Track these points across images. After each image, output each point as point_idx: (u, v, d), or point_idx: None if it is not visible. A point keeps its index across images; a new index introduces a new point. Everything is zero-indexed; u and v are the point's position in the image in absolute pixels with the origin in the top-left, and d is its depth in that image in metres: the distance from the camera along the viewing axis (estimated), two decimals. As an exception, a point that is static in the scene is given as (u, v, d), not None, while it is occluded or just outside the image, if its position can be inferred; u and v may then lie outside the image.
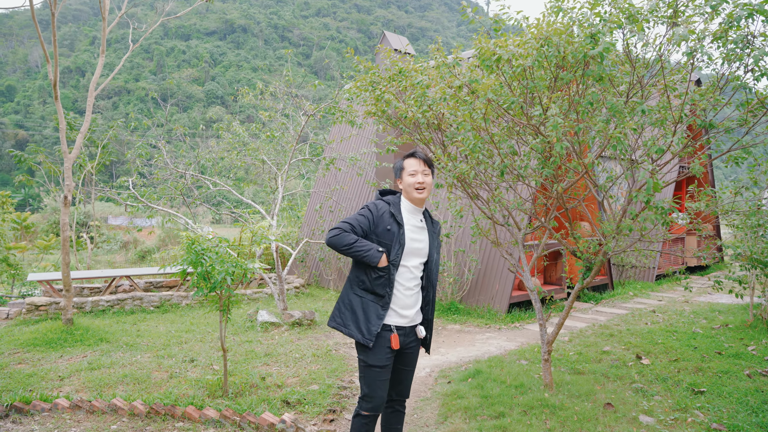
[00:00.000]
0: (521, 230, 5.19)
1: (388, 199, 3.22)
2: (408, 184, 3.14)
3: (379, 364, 3.04)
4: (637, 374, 5.70)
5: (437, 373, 5.88)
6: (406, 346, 3.16)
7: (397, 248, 3.04)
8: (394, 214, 3.09)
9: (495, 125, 3.95)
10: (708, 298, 10.90)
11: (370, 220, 3.08)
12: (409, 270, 3.12)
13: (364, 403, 3.11)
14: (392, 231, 3.05)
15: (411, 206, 3.19)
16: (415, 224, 3.18)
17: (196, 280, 4.53)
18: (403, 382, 3.27)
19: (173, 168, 9.12)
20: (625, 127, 3.10)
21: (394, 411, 3.36)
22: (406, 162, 3.18)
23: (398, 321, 3.09)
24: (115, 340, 7.01)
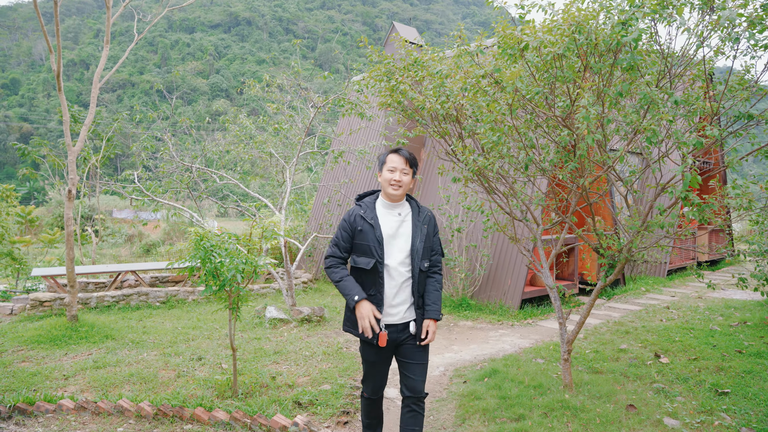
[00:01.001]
0: (540, 226, 5.01)
1: (362, 202, 3.32)
2: (384, 179, 3.20)
3: (369, 359, 3.27)
4: (657, 373, 5.53)
5: (452, 372, 5.72)
6: (402, 342, 3.22)
7: (375, 245, 3.13)
8: (363, 216, 3.19)
9: (515, 117, 3.76)
10: (722, 294, 10.70)
11: (348, 230, 3.21)
12: (395, 267, 3.17)
13: (364, 385, 3.41)
14: (364, 231, 3.16)
15: (387, 202, 3.27)
16: (392, 219, 3.23)
17: (205, 277, 4.38)
18: (411, 376, 3.21)
19: (179, 161, 8.96)
20: (660, 118, 2.92)
21: (410, 411, 3.23)
22: (389, 157, 3.22)
23: (387, 319, 3.17)
24: (120, 337, 6.88)
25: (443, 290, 9.37)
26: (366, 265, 3.14)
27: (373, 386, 3.38)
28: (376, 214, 3.20)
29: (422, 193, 11.00)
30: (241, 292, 4.58)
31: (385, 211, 3.25)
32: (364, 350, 3.29)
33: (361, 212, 3.22)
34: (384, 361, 3.27)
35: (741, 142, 3.84)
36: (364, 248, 3.15)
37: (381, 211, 3.25)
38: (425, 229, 3.26)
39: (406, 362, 3.24)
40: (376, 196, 3.35)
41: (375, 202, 3.29)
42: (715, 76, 4.05)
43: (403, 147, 3.29)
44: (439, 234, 3.48)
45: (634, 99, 3.56)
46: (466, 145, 3.89)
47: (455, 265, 9.01)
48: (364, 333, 3.08)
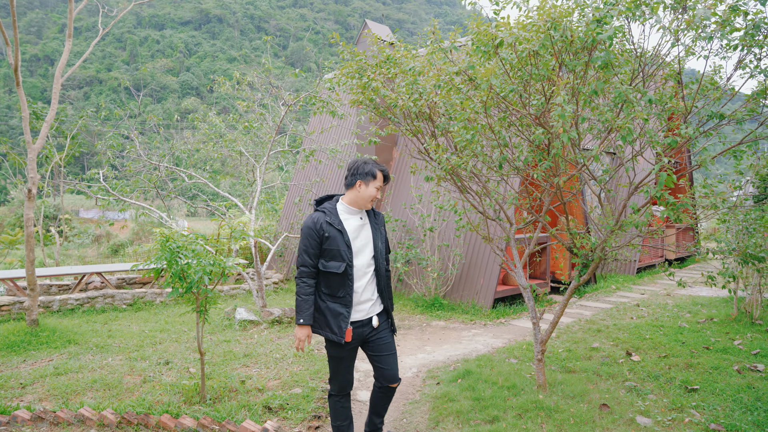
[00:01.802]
0: (513, 225, 4.99)
1: (323, 208, 3.42)
2: (369, 195, 3.35)
3: (337, 356, 3.39)
4: (629, 372, 5.56)
5: (425, 374, 5.66)
6: (368, 337, 3.43)
7: (344, 249, 3.29)
8: (330, 222, 3.31)
9: (489, 116, 3.71)
10: (689, 291, 10.91)
11: (315, 238, 3.30)
12: (360, 268, 3.37)
13: (332, 385, 3.50)
14: (332, 237, 3.28)
15: (350, 208, 3.41)
16: (355, 224, 3.39)
17: (171, 279, 4.23)
18: (385, 367, 3.46)
19: (146, 160, 8.72)
20: (635, 117, 2.90)
21: (382, 388, 3.56)
22: (378, 175, 3.38)
23: (354, 316, 3.37)
24: (84, 342, 6.65)
25: (416, 290, 9.32)
26: (337, 269, 3.28)
27: (341, 383, 3.47)
28: (340, 219, 3.35)
29: (394, 192, 10.95)
30: (209, 294, 4.44)
31: (348, 216, 3.41)
32: (330, 348, 3.41)
33: (327, 219, 3.33)
34: (350, 357, 3.42)
35: (711, 141, 3.87)
36: (334, 253, 3.28)
37: (344, 216, 3.40)
38: (382, 230, 3.54)
39: (377, 355, 3.46)
40: (335, 200, 3.48)
41: (336, 207, 3.42)
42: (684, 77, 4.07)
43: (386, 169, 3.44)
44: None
45: (607, 98, 3.54)
46: (439, 144, 3.83)
47: (427, 265, 8.97)
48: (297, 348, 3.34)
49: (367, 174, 3.35)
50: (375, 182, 3.35)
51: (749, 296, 7.81)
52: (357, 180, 3.37)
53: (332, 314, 3.31)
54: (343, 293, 3.30)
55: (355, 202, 3.40)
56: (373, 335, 3.43)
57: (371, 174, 3.35)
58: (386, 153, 10.98)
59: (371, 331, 3.42)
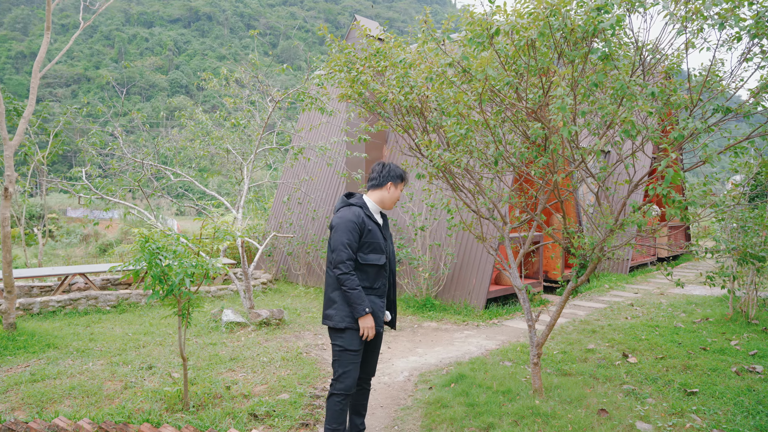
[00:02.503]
0: (507, 224, 4.83)
1: (359, 203, 3.50)
2: (395, 198, 3.54)
3: (354, 348, 3.38)
4: (626, 374, 5.43)
5: (417, 378, 5.49)
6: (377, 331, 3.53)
7: (382, 242, 3.43)
8: (370, 216, 3.43)
9: (483, 110, 3.55)
10: (682, 290, 10.82)
11: (358, 231, 3.36)
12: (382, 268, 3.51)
13: (338, 384, 3.42)
14: (373, 230, 3.39)
15: (376, 207, 3.54)
16: (379, 222, 3.54)
17: (151, 282, 4.03)
18: (371, 363, 3.67)
19: (131, 158, 8.48)
20: (639, 110, 2.74)
21: (361, 389, 3.72)
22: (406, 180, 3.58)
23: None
24: (64, 346, 6.42)
25: (407, 290, 9.16)
26: (378, 261, 3.40)
27: (352, 379, 3.43)
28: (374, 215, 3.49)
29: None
30: (191, 297, 4.24)
31: (375, 216, 3.53)
32: (351, 340, 3.38)
33: (366, 213, 3.44)
34: (361, 351, 3.48)
35: (712, 138, 3.72)
36: (374, 246, 3.39)
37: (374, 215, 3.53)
38: (389, 232, 3.68)
39: (372, 351, 3.64)
40: (359, 196, 3.56)
41: (368, 204, 3.53)
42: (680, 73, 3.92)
43: None
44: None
45: (606, 91, 3.38)
46: (431, 140, 3.66)
47: (419, 265, 8.81)
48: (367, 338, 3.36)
49: (398, 177, 3.49)
50: (402, 185, 3.54)
51: (744, 295, 7.72)
52: (388, 181, 3.49)
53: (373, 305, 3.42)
54: (380, 284, 3.42)
55: (382, 202, 3.51)
56: (380, 331, 3.54)
57: (402, 177, 3.50)
58: (376, 151, 10.80)
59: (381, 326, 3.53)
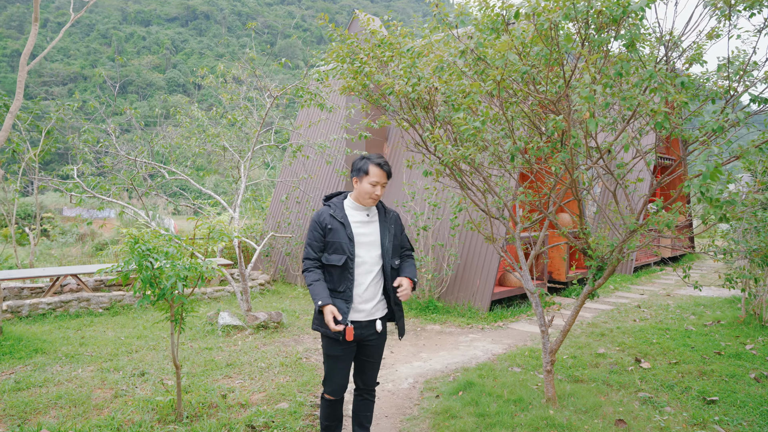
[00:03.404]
0: (519, 224, 4.59)
1: (330, 202, 3.40)
2: (365, 191, 3.27)
3: (333, 354, 3.28)
4: (641, 380, 5.19)
5: (422, 385, 5.24)
6: (366, 339, 3.32)
7: (346, 242, 3.22)
8: (333, 215, 3.27)
9: (501, 100, 3.30)
10: (688, 291, 10.61)
11: (319, 230, 3.28)
12: (363, 264, 3.28)
13: (326, 387, 3.38)
14: (334, 229, 3.24)
15: (356, 204, 3.35)
16: (361, 220, 3.33)
17: (141, 285, 3.77)
18: (367, 372, 3.46)
19: (124, 155, 8.21)
20: (674, 100, 2.50)
21: (363, 399, 3.54)
22: (372, 169, 3.25)
23: (354, 315, 3.25)
24: (53, 351, 6.15)
25: (410, 292, 8.90)
26: (337, 261, 3.22)
27: (336, 385, 3.36)
28: (345, 213, 3.30)
29: (385, 189, 10.50)
30: (184, 301, 3.98)
31: (354, 212, 3.35)
32: (328, 346, 3.30)
33: (331, 211, 3.30)
34: (347, 357, 3.32)
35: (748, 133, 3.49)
36: (336, 246, 3.23)
37: (350, 212, 3.35)
38: (392, 228, 3.42)
39: (365, 360, 3.42)
40: (343, 196, 3.43)
41: (343, 202, 3.38)
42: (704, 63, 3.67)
43: (386, 160, 3.32)
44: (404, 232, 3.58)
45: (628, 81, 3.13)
46: (441, 134, 3.41)
47: (421, 266, 8.56)
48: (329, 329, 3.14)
49: (358, 170, 3.29)
50: (369, 178, 3.25)
51: (758, 297, 7.49)
52: (353, 176, 3.34)
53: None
54: (343, 287, 3.23)
55: (358, 199, 3.34)
56: (372, 339, 3.35)
57: (363, 170, 3.27)
58: (377, 148, 10.54)
59: (371, 334, 3.33)
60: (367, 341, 3.34)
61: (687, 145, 3.11)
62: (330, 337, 3.24)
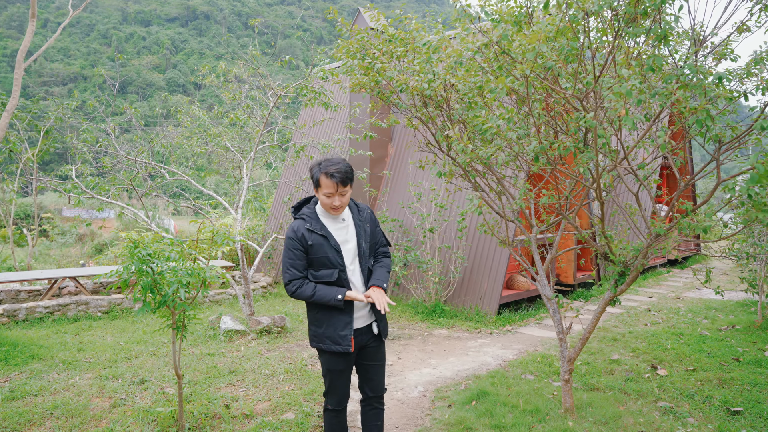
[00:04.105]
0: (534, 227, 4.40)
1: (302, 214, 3.13)
2: (324, 204, 3.05)
3: (337, 368, 3.11)
4: (659, 389, 5.01)
5: (432, 393, 5.05)
6: (366, 344, 3.18)
7: (333, 255, 3.01)
8: (311, 228, 3.03)
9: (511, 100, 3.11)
10: (697, 294, 10.42)
11: (299, 248, 3.02)
12: (354, 272, 3.11)
13: (329, 399, 3.21)
14: (316, 244, 3.00)
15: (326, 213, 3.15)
16: (338, 226, 3.13)
17: (141, 292, 3.59)
18: (373, 378, 3.27)
19: (123, 155, 8.02)
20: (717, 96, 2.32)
21: (372, 409, 3.34)
22: (323, 180, 2.96)
23: (354, 324, 3.09)
24: (50, 357, 5.96)
25: (415, 295, 8.72)
26: (329, 276, 3.01)
27: (340, 397, 3.22)
28: (323, 224, 3.07)
29: (390, 189, 10.32)
30: (186, 308, 3.80)
31: (328, 220, 3.12)
32: (331, 361, 3.12)
33: (308, 225, 3.04)
34: (350, 368, 3.19)
35: None
36: (323, 261, 3.02)
37: (325, 221, 3.11)
38: (368, 228, 3.20)
39: (368, 364, 3.24)
40: (314, 203, 3.22)
41: (315, 211, 3.14)
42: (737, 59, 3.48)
43: (337, 168, 2.92)
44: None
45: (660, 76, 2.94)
46: (459, 132, 3.22)
47: (428, 269, 8.37)
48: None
49: (314, 181, 3.01)
50: (321, 189, 2.97)
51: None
52: (314, 188, 3.07)
53: (333, 323, 3.04)
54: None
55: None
56: (372, 343, 3.20)
57: (315, 182, 3.01)
58: (381, 149, 10.36)
59: (370, 338, 3.18)
60: (368, 346, 3.20)
61: (720, 146, 2.92)
62: (331, 352, 3.08)
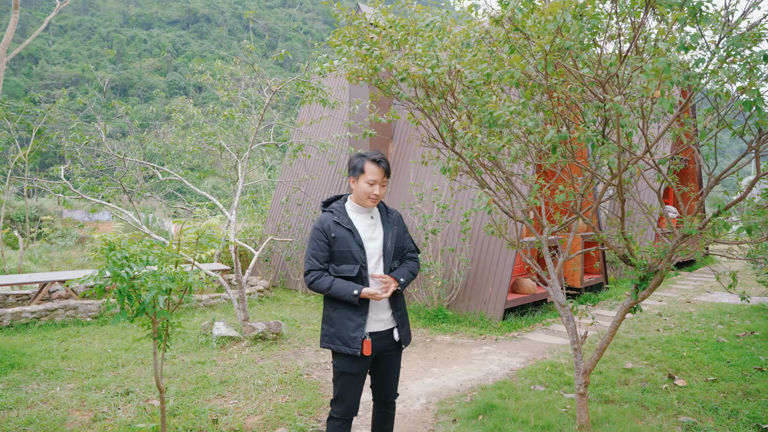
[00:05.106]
0: (546, 228, 4.08)
1: (331, 208, 3.14)
2: (363, 191, 3.04)
3: (350, 372, 2.98)
4: (678, 401, 4.67)
5: (436, 406, 4.72)
6: (385, 350, 3.08)
7: (356, 250, 2.98)
8: (338, 221, 3.02)
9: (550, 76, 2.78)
10: (709, 298, 10.08)
11: (324, 239, 3.01)
12: (376, 270, 3.05)
13: (336, 407, 3.07)
14: (341, 237, 2.99)
15: (357, 206, 3.12)
16: (366, 223, 3.11)
17: (116, 299, 3.27)
18: (387, 384, 3.20)
19: (113, 154, 7.71)
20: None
21: (381, 413, 3.27)
22: (368, 167, 3.01)
23: (372, 326, 3.01)
24: (31, 366, 5.64)
25: (417, 300, 8.40)
26: (350, 272, 2.97)
27: (349, 405, 3.05)
28: (350, 219, 3.05)
29: (391, 190, 9.99)
30: (167, 317, 3.47)
31: (357, 216, 3.11)
32: (344, 364, 3.00)
33: (335, 218, 3.03)
34: (363, 373, 3.06)
35: None
36: (345, 255, 2.98)
37: (353, 216, 3.11)
38: (395, 229, 3.17)
39: (385, 371, 3.16)
40: (343, 200, 3.19)
41: (345, 206, 3.13)
42: None
43: (382, 156, 3.04)
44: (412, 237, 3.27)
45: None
46: (466, 121, 2.90)
47: (430, 272, 8.04)
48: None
49: (355, 168, 3.05)
50: (365, 176, 3.00)
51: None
52: (350, 176, 3.11)
53: (345, 324, 2.96)
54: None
55: (357, 200, 3.09)
56: (391, 349, 3.10)
57: (358, 168, 3.02)
58: (381, 148, 10.03)
59: (390, 344, 3.08)
60: (387, 352, 3.10)
61: (761, 135, 2.60)
62: (346, 354, 2.95)
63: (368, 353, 2.92)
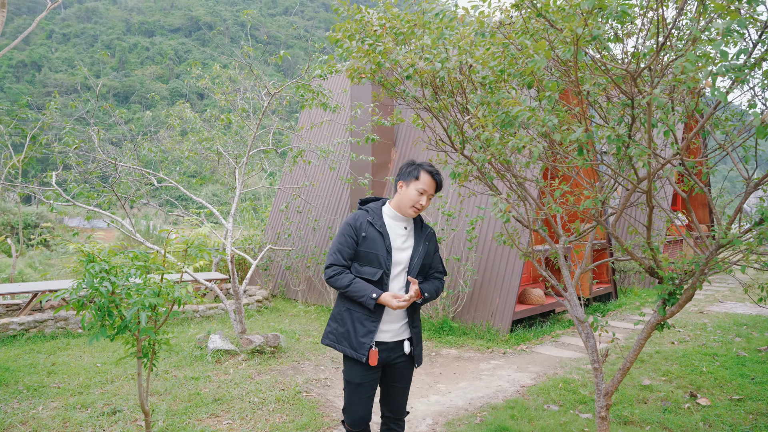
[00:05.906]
0: (562, 236, 3.79)
1: (368, 207, 3.07)
2: (409, 198, 2.94)
3: (354, 381, 2.90)
4: (704, 423, 4.36)
5: (443, 428, 4.41)
6: (393, 362, 2.97)
7: (383, 254, 2.88)
8: (371, 221, 2.94)
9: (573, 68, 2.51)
10: (722, 308, 9.76)
11: (352, 236, 2.92)
12: (396, 279, 2.94)
13: (345, 415, 2.99)
14: (370, 238, 2.90)
15: (395, 213, 3.02)
16: (399, 232, 3.00)
17: (95, 315, 2.98)
18: (395, 399, 3.08)
19: (106, 159, 7.44)
20: None
21: (389, 429, 3.13)
22: (424, 176, 2.93)
23: (381, 336, 2.92)
24: (14, 382, 5.34)
25: (421, 311, 8.09)
26: (372, 275, 2.87)
27: (356, 416, 2.93)
28: (384, 222, 2.96)
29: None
30: (151, 335, 3.18)
31: (392, 222, 3.01)
32: (349, 370, 2.93)
33: (369, 218, 2.96)
34: (371, 384, 2.93)
35: None
36: (371, 257, 2.90)
37: (388, 221, 3.01)
38: (426, 245, 3.03)
39: (393, 385, 3.05)
40: (381, 202, 3.10)
41: (381, 209, 3.05)
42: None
43: (439, 171, 2.98)
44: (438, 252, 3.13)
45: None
46: (482, 119, 2.62)
47: (435, 281, 7.73)
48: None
49: (408, 174, 2.95)
50: (417, 183, 2.90)
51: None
52: (399, 180, 3.01)
53: (356, 328, 2.87)
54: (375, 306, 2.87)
55: (398, 207, 3.00)
56: (400, 362, 2.98)
57: (413, 174, 2.93)
58: (384, 154, 9.75)
59: (399, 357, 2.97)
60: (395, 364, 2.98)
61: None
62: (351, 359, 2.89)
63: (374, 363, 2.82)
